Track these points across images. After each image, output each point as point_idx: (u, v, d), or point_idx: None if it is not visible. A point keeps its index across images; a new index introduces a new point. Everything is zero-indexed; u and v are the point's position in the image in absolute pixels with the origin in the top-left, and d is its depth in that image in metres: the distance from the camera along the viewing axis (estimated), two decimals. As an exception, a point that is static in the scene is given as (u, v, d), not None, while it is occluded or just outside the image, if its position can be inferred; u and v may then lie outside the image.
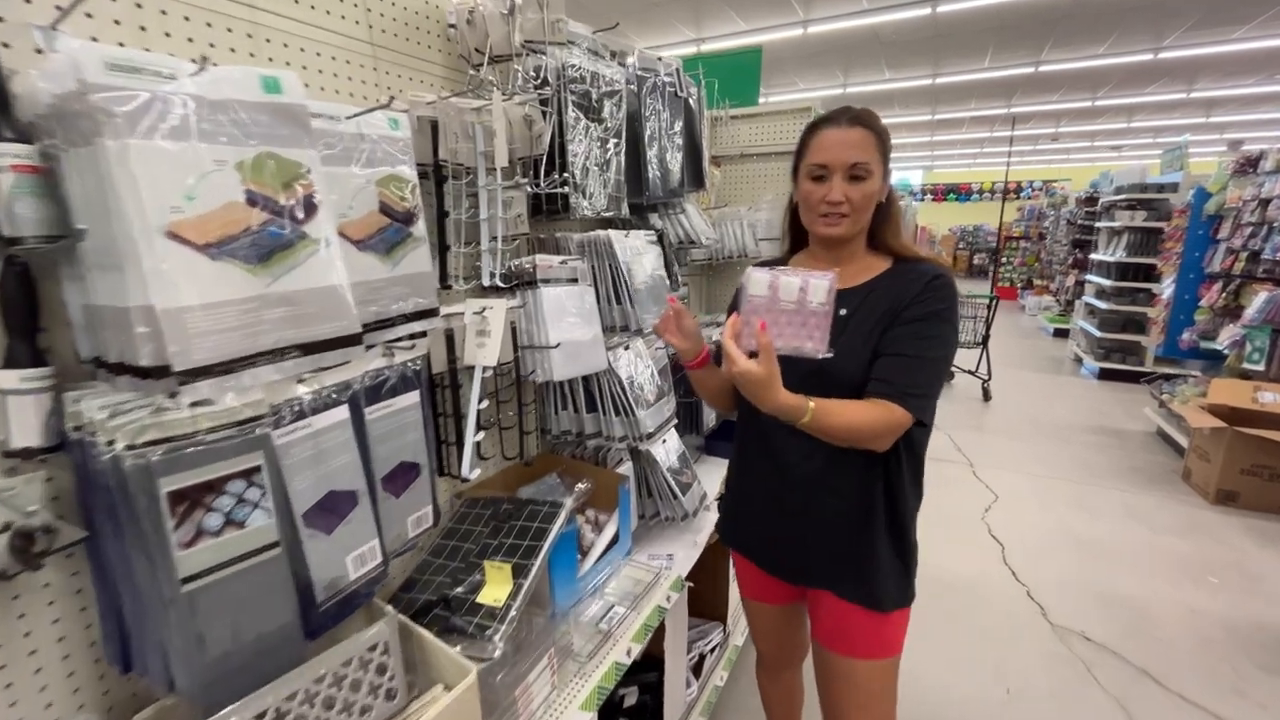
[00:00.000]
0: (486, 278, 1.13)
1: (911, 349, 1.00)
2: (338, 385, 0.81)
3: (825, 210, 1.05)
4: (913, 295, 1.02)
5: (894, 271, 1.08)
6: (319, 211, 0.69)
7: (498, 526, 1.21)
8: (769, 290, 0.92)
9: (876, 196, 1.05)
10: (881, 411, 0.98)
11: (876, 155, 1.03)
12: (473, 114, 1.05)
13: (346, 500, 0.82)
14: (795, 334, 0.93)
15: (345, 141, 0.82)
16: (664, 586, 1.39)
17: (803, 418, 0.95)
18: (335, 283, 0.70)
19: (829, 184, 1.03)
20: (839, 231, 1.05)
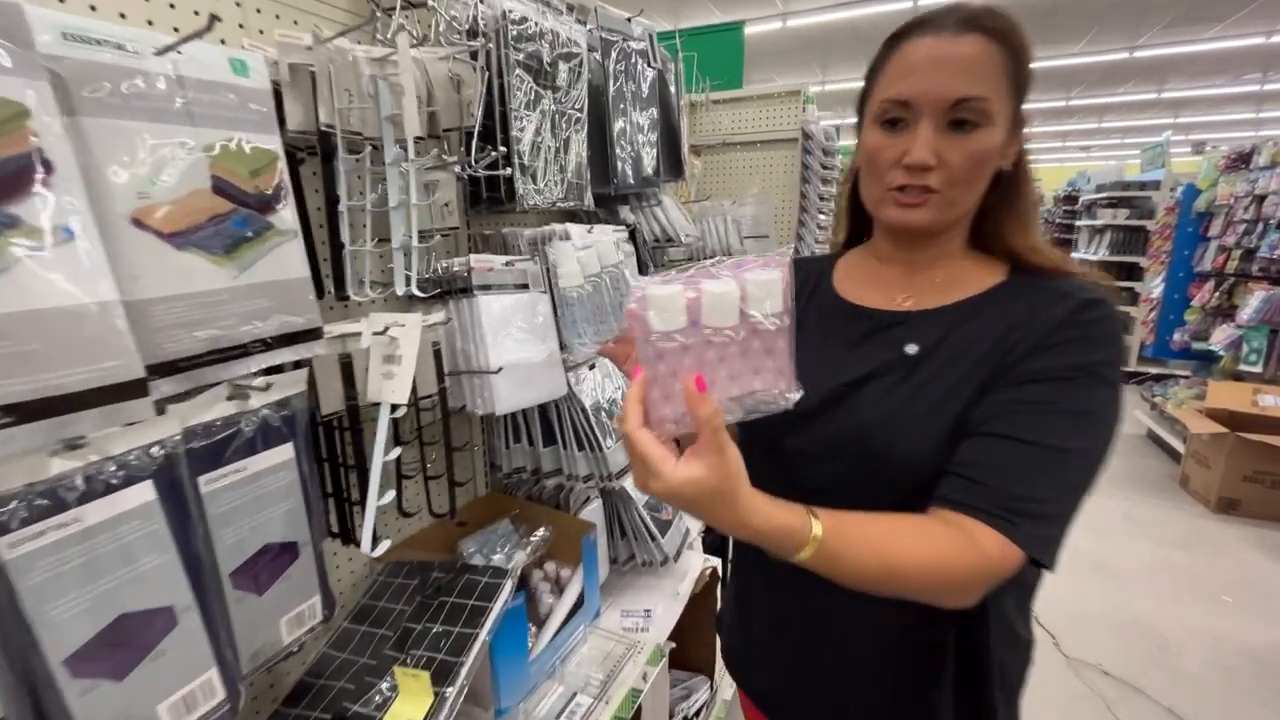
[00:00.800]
0: (401, 284, 0.86)
1: (1033, 429, 0.57)
2: (138, 452, 0.54)
3: (900, 180, 0.63)
4: (1046, 331, 0.59)
5: (1012, 287, 0.66)
6: (42, 185, 0.42)
7: (424, 604, 0.94)
8: (686, 316, 0.49)
9: (994, 160, 0.62)
10: (958, 542, 0.54)
11: (1002, 87, 0.60)
12: (375, 66, 0.78)
13: (154, 622, 0.55)
14: (735, 380, 0.52)
15: (148, 85, 0.54)
16: (640, 660, 1.13)
17: (800, 549, 0.51)
18: (80, 300, 0.43)
19: (910, 134, 0.61)
20: (920, 219, 0.64)
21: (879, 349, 0.68)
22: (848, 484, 0.67)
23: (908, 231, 0.68)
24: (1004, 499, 0.55)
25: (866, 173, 0.68)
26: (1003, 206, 0.67)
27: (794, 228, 2.18)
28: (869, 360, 0.68)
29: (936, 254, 0.69)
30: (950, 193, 0.62)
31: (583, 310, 0.67)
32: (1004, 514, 0.55)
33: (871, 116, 0.66)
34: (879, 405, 0.65)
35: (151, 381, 0.53)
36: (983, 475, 0.57)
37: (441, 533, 1.15)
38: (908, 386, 0.64)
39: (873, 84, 0.67)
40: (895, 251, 0.72)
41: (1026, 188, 0.68)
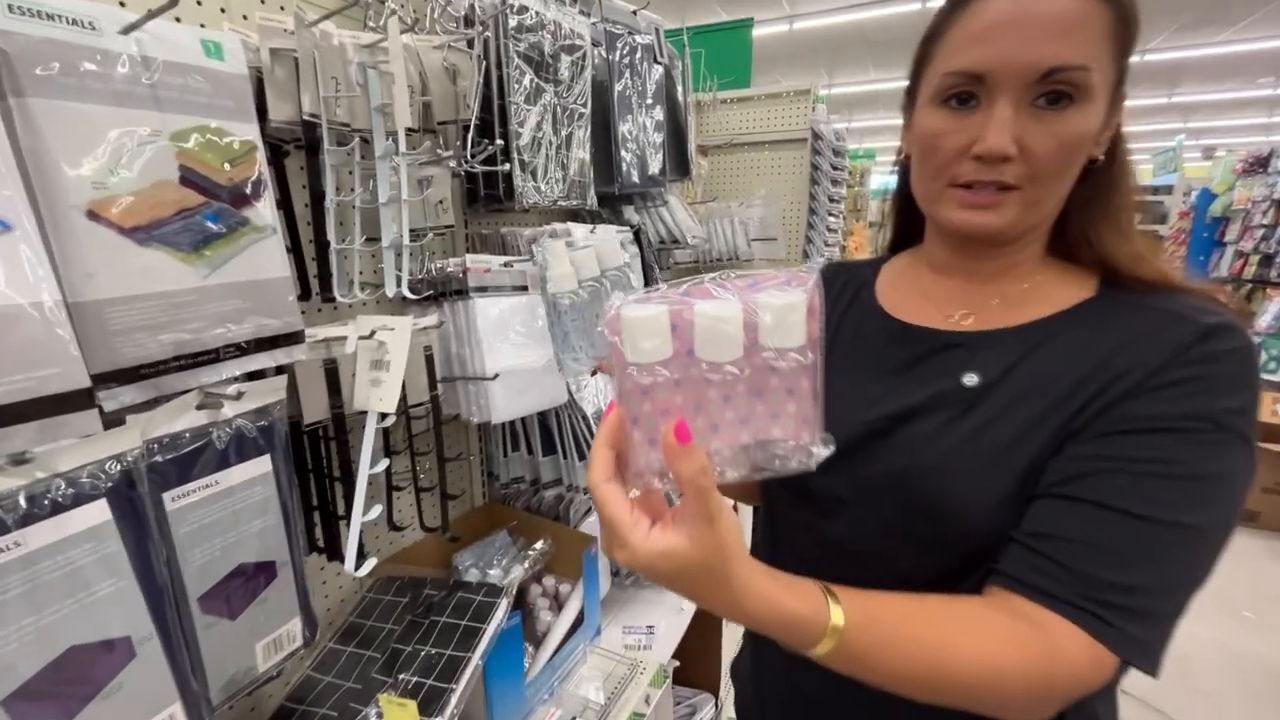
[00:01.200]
0: (392, 285, 0.81)
1: (1136, 495, 0.44)
2: (91, 467, 0.49)
3: (968, 175, 0.50)
4: (1156, 366, 0.46)
5: (1103, 305, 0.52)
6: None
7: (415, 623, 0.89)
8: (674, 345, 0.38)
9: (1087, 146, 0.49)
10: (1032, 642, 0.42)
11: (1104, 53, 0.47)
12: (364, 53, 0.73)
13: (110, 655, 0.50)
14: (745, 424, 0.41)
15: (108, 65, 0.50)
16: (643, 682, 1.08)
17: (814, 643, 0.40)
18: (13, 301, 0.39)
19: (983, 114, 0.48)
20: (992, 223, 0.50)
21: (931, 377, 0.55)
22: (882, 540, 0.55)
23: (973, 238, 0.54)
24: (1096, 588, 0.43)
25: (921, 163, 0.55)
26: (1094, 203, 0.53)
27: (803, 230, 2.12)
28: (918, 390, 0.55)
29: (1007, 263, 0.56)
30: (1033, 190, 0.49)
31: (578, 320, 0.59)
32: (1096, 609, 0.42)
33: (930, 94, 0.52)
34: (929, 446, 0.52)
35: (108, 390, 0.49)
36: (1065, 554, 0.44)
37: (435, 545, 1.10)
38: (965, 425, 0.52)
39: (930, 53, 0.53)
40: (954, 260, 0.58)
41: (1125, 180, 0.54)
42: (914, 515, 0.52)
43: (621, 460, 0.40)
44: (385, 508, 0.88)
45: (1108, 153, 0.53)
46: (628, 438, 0.39)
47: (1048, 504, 0.47)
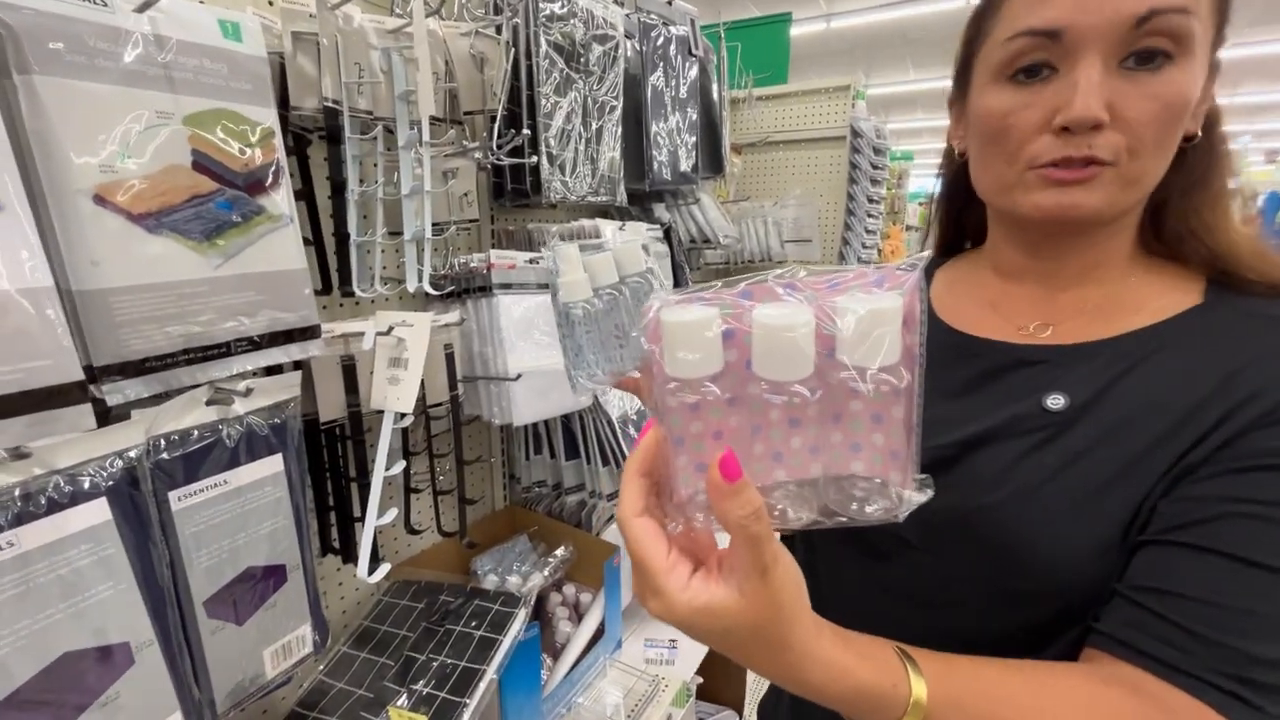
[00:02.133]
0: (413, 280, 0.79)
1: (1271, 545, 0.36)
2: (93, 465, 0.46)
3: (1053, 153, 0.42)
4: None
5: (1217, 314, 0.44)
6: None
7: (430, 630, 0.86)
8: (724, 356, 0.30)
9: (1188, 114, 0.41)
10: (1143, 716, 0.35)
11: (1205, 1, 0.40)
12: (388, 38, 0.71)
13: (107, 663, 0.47)
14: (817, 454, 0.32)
15: (119, 44, 0.48)
16: (664, 701, 1.03)
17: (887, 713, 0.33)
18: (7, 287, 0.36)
19: (1063, 82, 0.41)
20: (1088, 202, 0.42)
21: (1005, 398, 0.47)
22: (951, 589, 0.48)
23: (1066, 226, 0.45)
24: (1235, 661, 0.35)
25: (989, 151, 0.47)
26: (1196, 188, 0.45)
27: (839, 231, 2.05)
28: (990, 413, 0.47)
29: (1092, 262, 0.47)
30: (1131, 165, 0.41)
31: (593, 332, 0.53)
32: (1237, 688, 0.34)
33: (992, 71, 0.45)
34: (1007, 480, 0.44)
35: (112, 383, 0.46)
36: (1192, 616, 0.36)
37: (454, 549, 1.07)
38: (1052, 455, 0.43)
39: (985, 28, 0.46)
40: (1029, 262, 0.50)
41: (1227, 163, 0.46)
42: (990, 561, 0.45)
43: (660, 489, 0.33)
44: (402, 510, 0.86)
45: (1205, 129, 0.45)
46: (667, 463, 0.31)
47: (1163, 551, 0.38)
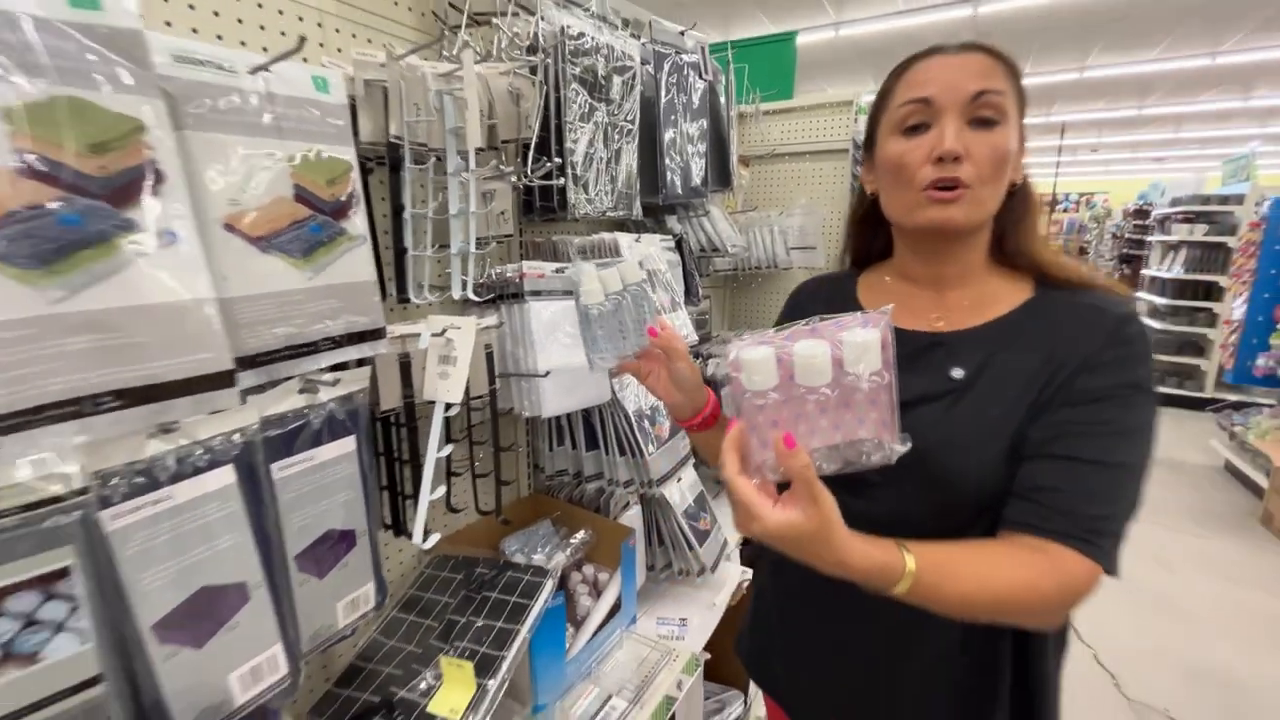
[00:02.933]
0: (458, 289, 0.90)
1: (1098, 449, 0.59)
2: (221, 438, 0.58)
3: (932, 176, 0.63)
4: (1092, 350, 0.61)
5: (1043, 303, 0.67)
6: (166, 190, 0.47)
7: (469, 598, 0.97)
8: (778, 375, 0.53)
9: (1012, 164, 0.65)
10: (1045, 566, 0.57)
11: (1011, 92, 0.64)
12: (441, 81, 0.82)
13: (230, 597, 0.59)
14: (838, 428, 0.54)
15: (242, 101, 0.59)
16: (675, 668, 1.13)
17: (895, 584, 0.53)
18: (184, 298, 0.48)
19: (938, 129, 0.63)
20: (956, 213, 0.63)
21: (923, 372, 0.69)
22: (905, 507, 0.67)
23: (942, 231, 0.67)
24: (1081, 522, 0.58)
25: (893, 184, 0.69)
26: (1022, 219, 0.70)
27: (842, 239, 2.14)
28: (916, 383, 0.67)
29: (964, 269, 0.71)
30: (979, 189, 0.64)
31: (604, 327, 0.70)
32: (1084, 536, 0.57)
33: (889, 129, 0.68)
34: (935, 430, 0.65)
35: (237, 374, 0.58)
36: (1056, 500, 0.59)
37: (485, 530, 1.19)
38: (961, 410, 0.66)
39: (884, 104, 0.70)
40: (924, 267, 0.73)
41: (1033, 199, 0.71)
42: (930, 485, 0.65)
43: (743, 460, 0.53)
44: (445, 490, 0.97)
45: (1023, 180, 0.69)
46: (747, 444, 0.53)
47: (1035, 464, 0.62)
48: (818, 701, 0.83)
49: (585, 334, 0.79)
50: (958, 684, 0.71)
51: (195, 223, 0.51)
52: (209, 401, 0.50)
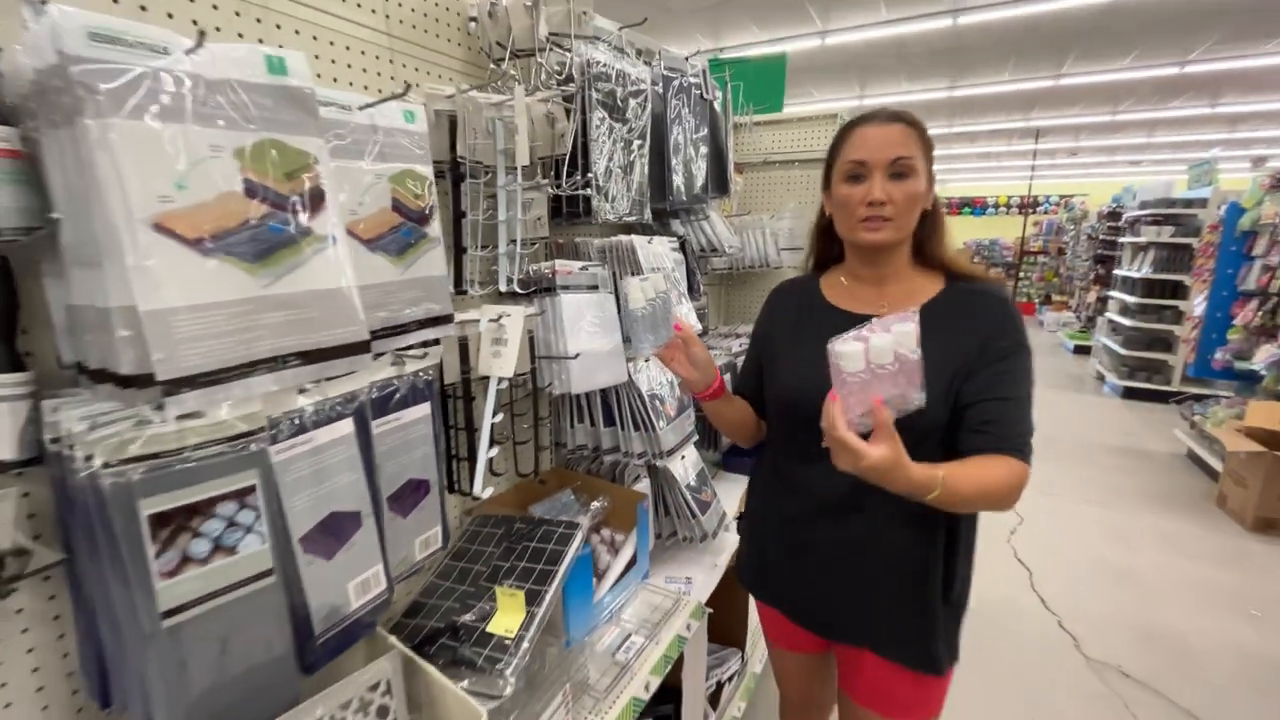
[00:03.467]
0: (504, 283, 1.06)
1: (1013, 390, 0.90)
2: (343, 397, 0.74)
3: (866, 213, 0.94)
4: (996, 325, 0.93)
5: (953, 292, 0.97)
6: (326, 206, 0.63)
7: (510, 548, 1.13)
8: (863, 360, 0.79)
9: (922, 200, 0.95)
10: (1008, 468, 0.86)
11: (920, 153, 0.93)
12: (493, 109, 0.99)
13: (349, 522, 0.75)
14: (894, 392, 0.80)
15: (356, 133, 0.76)
16: (683, 614, 1.30)
17: (932, 492, 0.80)
18: (342, 285, 0.64)
19: (869, 183, 0.93)
20: (882, 237, 0.94)
21: None
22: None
23: (875, 248, 0.97)
24: (1015, 439, 0.89)
25: (841, 215, 0.99)
26: (934, 234, 1.01)
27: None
28: None
29: (895, 269, 1.01)
30: (898, 220, 0.94)
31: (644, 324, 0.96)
32: (1019, 447, 0.88)
33: (839, 176, 0.97)
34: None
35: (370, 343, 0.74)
36: (999, 429, 0.90)
37: (515, 497, 1.35)
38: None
39: (835, 158, 0.99)
40: (867, 269, 1.02)
41: (941, 219, 1.02)
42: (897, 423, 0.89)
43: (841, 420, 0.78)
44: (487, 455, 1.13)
45: (933, 207, 0.99)
46: (845, 410, 0.78)
47: (980, 406, 0.91)
48: (803, 598, 1.10)
49: (631, 331, 1.02)
50: (903, 574, 0.98)
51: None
52: (354, 363, 0.66)
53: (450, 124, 0.97)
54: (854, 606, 1.02)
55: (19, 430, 0.60)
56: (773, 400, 1.11)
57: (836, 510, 1.00)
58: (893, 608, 0.99)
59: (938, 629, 0.98)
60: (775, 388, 1.09)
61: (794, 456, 1.07)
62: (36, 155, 0.56)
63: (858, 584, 1.01)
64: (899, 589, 0.99)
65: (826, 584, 1.04)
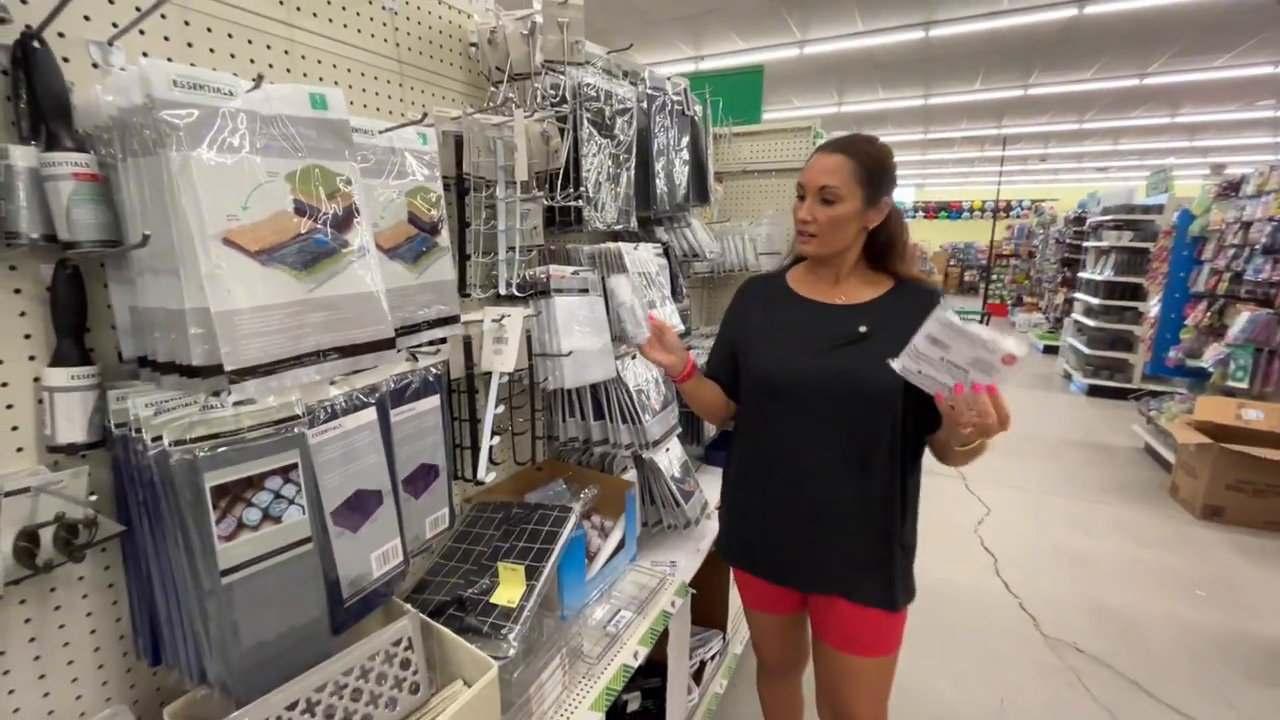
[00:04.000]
0: (503, 286, 1.16)
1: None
2: (366, 388, 0.84)
3: (800, 228, 1.13)
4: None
5: (900, 291, 1.14)
6: (358, 220, 0.73)
7: (508, 530, 1.23)
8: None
9: (848, 221, 1.08)
10: None
11: (851, 181, 1.05)
12: (494, 129, 1.09)
13: (373, 499, 0.85)
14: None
15: (378, 155, 0.85)
16: (668, 592, 1.41)
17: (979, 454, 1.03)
18: (372, 289, 0.74)
19: (806, 203, 1.10)
20: (810, 249, 1.13)
21: (841, 326, 1.13)
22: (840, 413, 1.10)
23: (806, 255, 1.17)
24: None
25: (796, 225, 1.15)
26: (890, 248, 1.16)
27: (804, 246, 2.46)
28: (838, 334, 1.12)
29: (845, 271, 1.18)
30: (822, 236, 1.10)
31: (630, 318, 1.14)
32: None
33: (797, 193, 1.13)
34: (856, 360, 1.09)
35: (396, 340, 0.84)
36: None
37: (511, 486, 1.45)
38: (870, 347, 1.09)
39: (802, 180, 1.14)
40: (820, 269, 1.20)
41: (897, 230, 1.15)
42: (859, 396, 1.08)
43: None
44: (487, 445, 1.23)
45: (885, 222, 1.12)
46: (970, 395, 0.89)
47: None
48: (783, 559, 1.21)
49: (622, 322, 1.16)
50: (869, 528, 1.12)
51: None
52: (381, 358, 0.76)
53: (456, 142, 1.07)
54: (829, 560, 1.15)
55: (88, 416, 0.69)
56: (749, 379, 1.22)
57: (808, 475, 1.13)
58: (862, 557, 1.13)
59: (898, 573, 1.13)
60: (751, 368, 1.21)
61: (763, 426, 1.20)
62: (110, 179, 0.65)
63: (831, 539, 1.14)
64: (866, 540, 1.13)
65: (804, 543, 1.17)
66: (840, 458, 1.11)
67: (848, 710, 1.23)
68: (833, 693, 1.26)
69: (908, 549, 1.15)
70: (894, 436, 1.09)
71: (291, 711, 0.70)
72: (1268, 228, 3.45)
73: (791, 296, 1.21)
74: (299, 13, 0.91)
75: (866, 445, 1.10)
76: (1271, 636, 2.43)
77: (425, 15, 1.11)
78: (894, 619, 1.16)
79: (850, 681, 1.21)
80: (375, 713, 0.77)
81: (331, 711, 0.73)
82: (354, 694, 0.76)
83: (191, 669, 0.72)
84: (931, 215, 18.23)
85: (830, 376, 1.09)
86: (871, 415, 1.08)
